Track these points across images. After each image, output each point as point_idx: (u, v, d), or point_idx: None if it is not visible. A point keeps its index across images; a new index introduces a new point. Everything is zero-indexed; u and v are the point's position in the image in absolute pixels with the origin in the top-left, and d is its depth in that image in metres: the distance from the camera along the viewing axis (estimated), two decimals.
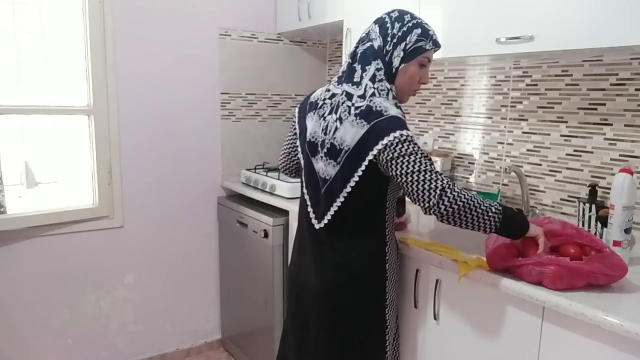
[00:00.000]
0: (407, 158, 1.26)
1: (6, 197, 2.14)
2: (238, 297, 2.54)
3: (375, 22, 1.41)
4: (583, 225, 1.64)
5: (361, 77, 1.36)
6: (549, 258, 1.22)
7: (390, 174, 1.30)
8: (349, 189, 1.36)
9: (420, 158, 1.26)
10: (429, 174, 1.24)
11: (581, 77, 1.71)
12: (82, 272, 2.34)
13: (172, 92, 2.47)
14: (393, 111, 1.31)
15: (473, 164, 2.12)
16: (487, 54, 1.66)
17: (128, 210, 2.42)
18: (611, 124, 1.64)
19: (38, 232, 2.19)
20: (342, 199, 1.38)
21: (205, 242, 2.69)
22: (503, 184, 2.00)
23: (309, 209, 1.48)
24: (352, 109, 1.34)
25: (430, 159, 1.29)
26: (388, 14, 1.40)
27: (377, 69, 1.35)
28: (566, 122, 1.77)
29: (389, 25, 1.37)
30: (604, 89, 1.66)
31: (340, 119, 1.36)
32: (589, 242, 1.28)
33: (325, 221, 1.43)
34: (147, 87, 2.40)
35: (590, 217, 1.62)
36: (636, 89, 1.58)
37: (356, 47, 1.41)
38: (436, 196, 1.22)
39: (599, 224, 1.59)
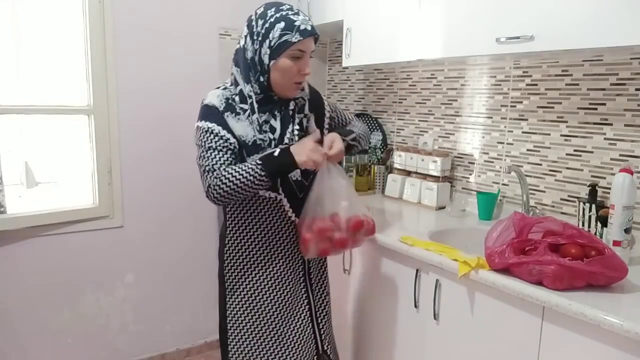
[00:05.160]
0: (197, 149, 1.40)
1: (6, 197, 2.14)
2: None
3: (247, 21, 1.42)
4: (583, 225, 1.64)
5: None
6: (549, 258, 1.22)
7: None
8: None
9: (200, 152, 1.39)
10: (201, 169, 1.38)
11: (581, 77, 1.71)
12: (82, 272, 2.34)
13: (172, 91, 2.47)
14: (207, 100, 1.43)
15: (473, 163, 2.12)
16: (487, 54, 1.66)
17: (128, 210, 2.42)
18: (611, 124, 1.64)
19: (38, 232, 2.19)
20: None
21: (205, 242, 2.69)
22: (503, 184, 2.00)
23: None
24: None
25: (211, 150, 1.36)
26: (255, 11, 1.41)
27: (232, 75, 1.46)
28: (566, 122, 1.77)
29: (254, 23, 1.38)
30: (604, 89, 1.66)
31: None
32: (590, 242, 1.27)
33: None
34: (147, 87, 2.40)
35: (590, 217, 1.62)
36: (636, 89, 1.57)
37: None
38: (205, 190, 1.37)
39: (599, 224, 1.59)
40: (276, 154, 1.34)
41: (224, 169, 1.34)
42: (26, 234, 2.17)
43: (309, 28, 1.36)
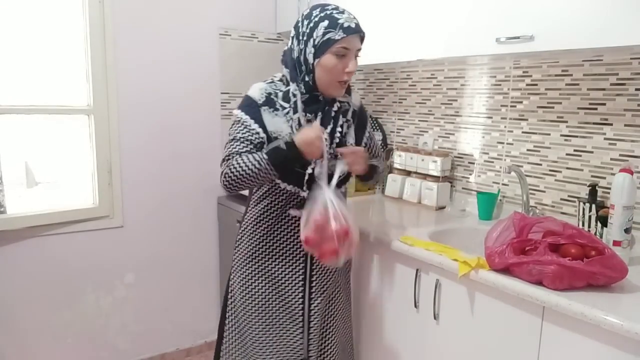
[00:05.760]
0: None
1: (6, 197, 2.14)
2: None
3: (294, 23, 1.45)
4: (583, 225, 1.64)
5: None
6: (549, 258, 1.22)
7: None
8: None
9: (228, 140, 1.43)
10: (224, 156, 1.42)
11: (581, 77, 1.71)
12: (82, 272, 2.34)
13: (172, 91, 2.47)
14: (249, 91, 1.45)
15: (473, 163, 2.12)
16: (487, 54, 1.66)
17: (128, 210, 2.42)
18: (611, 124, 1.64)
19: (38, 232, 2.19)
20: None
21: (205, 242, 2.69)
22: (503, 184, 2.00)
23: None
24: None
25: (234, 140, 1.41)
26: (302, 12, 1.44)
27: (283, 75, 1.46)
28: (566, 121, 1.77)
29: (299, 24, 1.41)
30: (604, 89, 1.65)
31: None
32: (590, 242, 1.27)
33: None
34: (147, 87, 2.40)
35: (590, 217, 1.62)
36: (636, 89, 1.57)
37: None
38: (220, 178, 1.41)
39: (599, 224, 1.59)
40: (280, 144, 1.35)
41: (236, 158, 1.37)
42: (26, 234, 2.17)
43: (353, 26, 1.36)
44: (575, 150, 1.75)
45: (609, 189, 1.47)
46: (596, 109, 1.68)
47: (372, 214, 2.10)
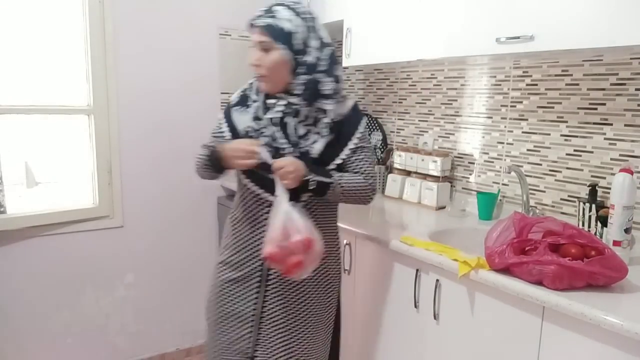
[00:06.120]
0: None
1: (6, 197, 2.14)
2: None
3: None
4: (583, 225, 1.64)
5: None
6: (549, 258, 1.22)
7: None
8: None
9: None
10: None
11: (581, 77, 1.71)
12: (82, 272, 2.34)
13: (172, 91, 2.47)
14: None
15: (473, 163, 2.12)
16: (487, 54, 1.66)
17: (128, 210, 2.42)
18: (611, 124, 1.64)
19: (38, 232, 2.19)
20: None
21: (205, 242, 2.69)
22: (503, 184, 2.00)
23: None
24: None
25: (211, 136, 1.54)
26: None
27: None
28: (566, 121, 1.77)
29: None
30: (604, 89, 1.66)
31: None
32: (590, 242, 1.27)
33: None
34: (147, 87, 2.40)
35: (590, 217, 1.62)
36: (636, 89, 1.57)
37: None
38: None
39: (599, 224, 1.59)
40: (216, 146, 1.45)
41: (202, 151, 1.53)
42: (26, 234, 2.17)
43: (252, 18, 1.39)
44: (575, 150, 1.75)
45: (609, 189, 1.47)
46: (596, 109, 1.68)
47: (372, 214, 2.10)
